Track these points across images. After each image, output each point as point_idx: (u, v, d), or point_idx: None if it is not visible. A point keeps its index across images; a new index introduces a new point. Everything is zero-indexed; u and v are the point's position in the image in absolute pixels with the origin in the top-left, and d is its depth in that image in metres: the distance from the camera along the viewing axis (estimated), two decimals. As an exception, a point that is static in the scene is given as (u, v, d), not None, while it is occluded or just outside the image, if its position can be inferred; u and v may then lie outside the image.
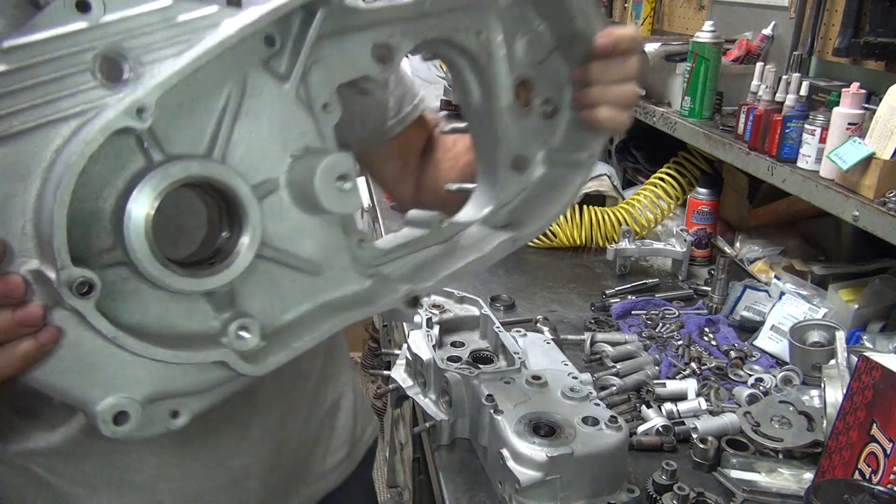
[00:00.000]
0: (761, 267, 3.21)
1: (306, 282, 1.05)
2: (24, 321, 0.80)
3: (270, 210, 0.99)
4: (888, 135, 2.22)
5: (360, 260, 1.10)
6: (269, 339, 1.00)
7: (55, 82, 0.79)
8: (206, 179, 0.90)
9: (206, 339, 0.96)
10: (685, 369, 2.43)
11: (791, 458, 1.97)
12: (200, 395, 0.94)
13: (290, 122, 0.97)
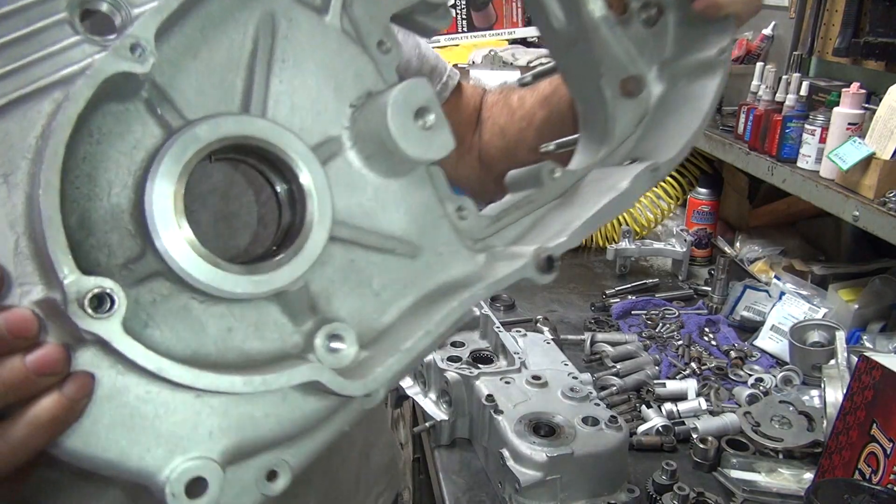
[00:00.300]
0: (761, 267, 3.21)
1: (403, 268, 0.83)
2: (42, 368, 0.59)
3: (338, 178, 0.78)
4: (888, 135, 2.22)
5: (465, 233, 0.88)
6: (370, 346, 0.79)
7: (23, 42, 0.60)
8: (246, 141, 0.70)
9: (285, 359, 0.74)
10: (685, 369, 2.43)
11: (791, 458, 1.97)
12: (298, 441, 0.72)
13: (340, 62, 0.77)
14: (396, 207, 0.83)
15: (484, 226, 0.91)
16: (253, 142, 0.71)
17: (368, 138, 0.78)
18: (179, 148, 0.66)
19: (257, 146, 0.72)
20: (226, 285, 0.68)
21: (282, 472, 0.71)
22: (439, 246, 0.86)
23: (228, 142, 0.69)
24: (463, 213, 0.89)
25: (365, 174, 0.81)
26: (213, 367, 0.68)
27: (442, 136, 0.78)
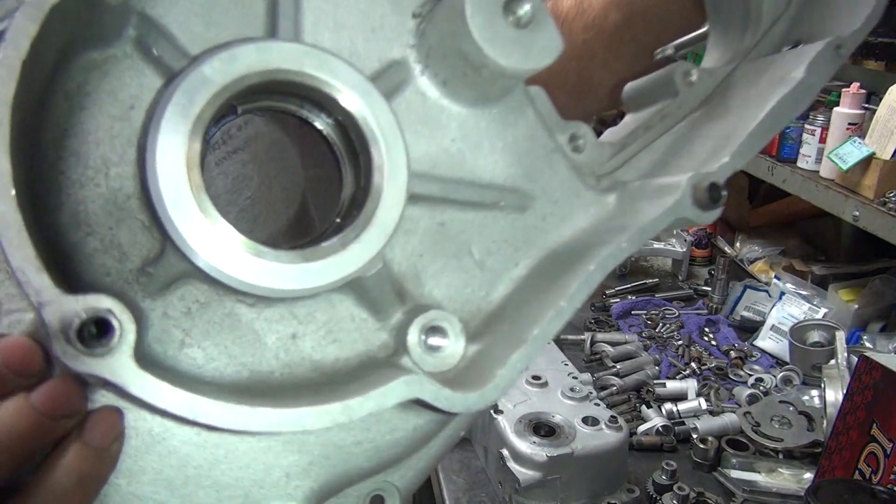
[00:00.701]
0: (761, 267, 3.22)
1: (511, 225, 0.64)
2: (54, 407, 0.45)
3: (411, 116, 0.60)
4: (888, 135, 2.22)
5: (583, 168, 0.68)
6: (480, 336, 0.60)
7: None
8: (277, 77, 0.52)
9: (371, 367, 0.58)
10: (685, 369, 2.43)
11: (791, 458, 1.97)
12: (404, 462, 0.59)
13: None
14: (492, 146, 0.63)
15: (607, 156, 0.70)
16: (286, 77, 0.52)
17: (444, 54, 0.59)
18: (184, 95, 0.49)
19: (294, 83, 0.54)
20: (278, 282, 0.51)
21: (388, 496, 0.58)
22: (554, 190, 0.66)
23: (252, 80, 0.51)
24: (578, 142, 0.68)
25: (445, 106, 0.62)
26: (275, 392, 0.53)
27: (545, 35, 0.57)
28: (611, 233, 0.63)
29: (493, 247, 0.64)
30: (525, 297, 0.63)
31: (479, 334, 0.61)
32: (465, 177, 0.62)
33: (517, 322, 0.61)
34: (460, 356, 0.59)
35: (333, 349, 0.58)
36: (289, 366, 0.56)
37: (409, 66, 0.61)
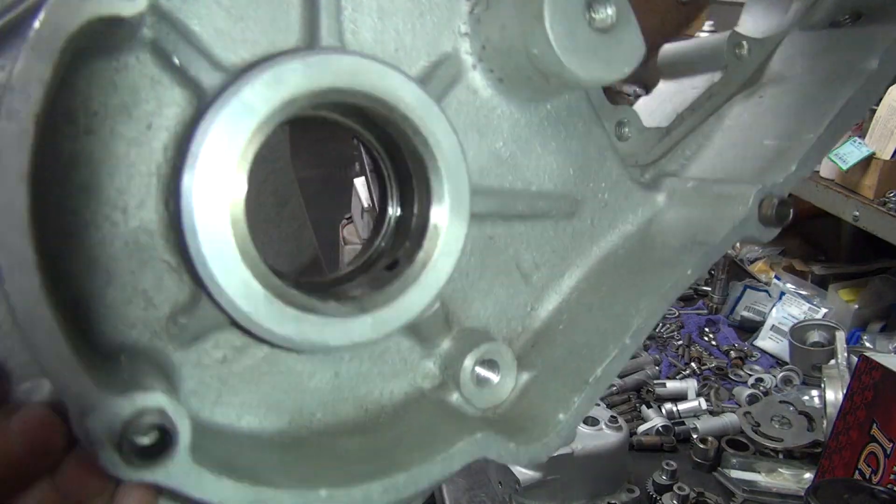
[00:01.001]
0: (761, 267, 3.22)
1: (559, 233, 0.58)
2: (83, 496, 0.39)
3: (459, 117, 0.53)
4: (888, 135, 2.22)
5: (629, 158, 0.61)
6: (529, 359, 0.56)
7: None
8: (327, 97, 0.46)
9: (417, 401, 0.55)
10: (685, 369, 2.43)
11: (791, 458, 1.97)
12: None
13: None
14: (544, 147, 0.57)
15: (652, 143, 0.63)
16: (339, 97, 0.47)
17: (506, 52, 0.53)
18: (225, 128, 0.43)
19: (347, 103, 0.48)
20: (334, 338, 0.46)
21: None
22: (604, 191, 0.60)
23: (301, 104, 0.45)
24: (623, 130, 0.61)
25: (496, 104, 0.55)
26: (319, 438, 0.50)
27: (627, 40, 0.50)
28: (667, 248, 0.59)
29: (540, 258, 0.60)
30: (575, 316, 0.60)
31: (526, 355, 0.58)
32: (515, 186, 0.57)
33: (573, 352, 0.57)
34: (510, 388, 0.56)
35: (378, 383, 0.55)
36: (331, 405, 0.53)
37: (460, 59, 0.56)
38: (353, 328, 0.48)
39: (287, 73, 0.44)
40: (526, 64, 0.52)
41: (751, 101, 0.69)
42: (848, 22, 0.70)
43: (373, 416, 0.54)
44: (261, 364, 0.50)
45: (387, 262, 0.55)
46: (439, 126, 0.50)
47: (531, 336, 0.59)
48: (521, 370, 0.56)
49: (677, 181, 0.64)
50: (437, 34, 0.54)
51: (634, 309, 0.55)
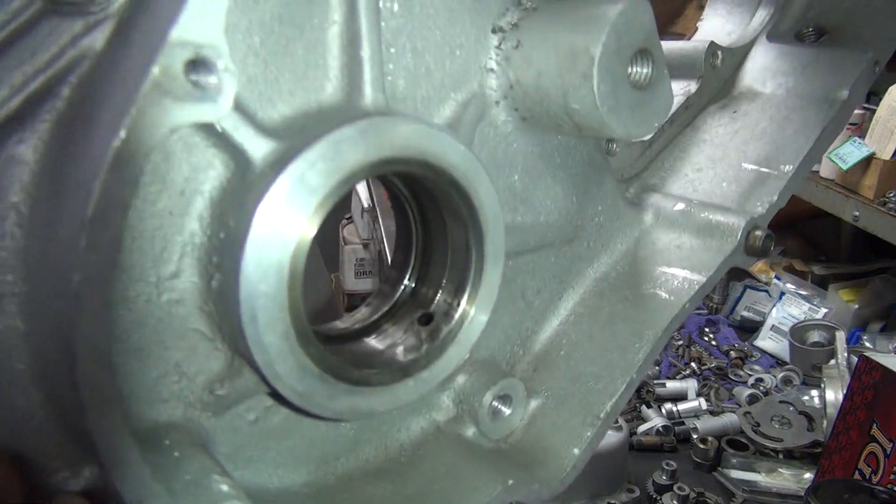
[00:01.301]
0: (761, 267, 3.21)
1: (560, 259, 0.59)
2: None
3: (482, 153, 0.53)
4: (888, 135, 2.22)
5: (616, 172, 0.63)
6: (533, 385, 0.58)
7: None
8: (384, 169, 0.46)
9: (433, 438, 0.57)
10: (685, 369, 2.43)
11: (791, 458, 1.97)
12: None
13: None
14: (554, 176, 0.57)
15: (636, 157, 0.65)
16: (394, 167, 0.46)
17: (538, 98, 0.52)
18: (282, 209, 0.41)
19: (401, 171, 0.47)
20: (382, 404, 0.47)
21: None
22: (599, 214, 0.61)
23: (359, 177, 0.44)
24: (612, 145, 0.62)
25: (515, 139, 0.55)
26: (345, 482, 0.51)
27: (661, 96, 0.51)
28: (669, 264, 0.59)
29: (541, 284, 0.61)
30: (575, 343, 0.61)
31: (529, 380, 0.60)
32: (527, 219, 0.58)
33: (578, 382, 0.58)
34: (521, 417, 0.58)
35: (396, 422, 0.56)
36: (354, 449, 0.54)
37: (485, 95, 0.55)
38: (398, 394, 0.49)
39: (345, 147, 0.43)
40: (561, 113, 0.52)
41: (725, 115, 0.72)
42: (812, 35, 0.72)
43: (393, 455, 0.55)
44: (288, 419, 0.50)
45: (420, 314, 0.55)
46: (483, 187, 0.49)
47: (532, 359, 0.60)
48: (529, 397, 0.58)
49: (661, 199, 0.66)
50: (465, 71, 0.53)
51: (639, 342, 0.58)
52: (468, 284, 0.51)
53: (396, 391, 0.48)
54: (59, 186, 0.44)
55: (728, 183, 0.67)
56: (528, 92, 0.53)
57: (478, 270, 0.51)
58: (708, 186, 0.68)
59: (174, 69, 0.39)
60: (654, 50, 0.50)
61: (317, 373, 0.45)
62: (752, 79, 0.73)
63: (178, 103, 0.39)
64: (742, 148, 0.69)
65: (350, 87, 0.49)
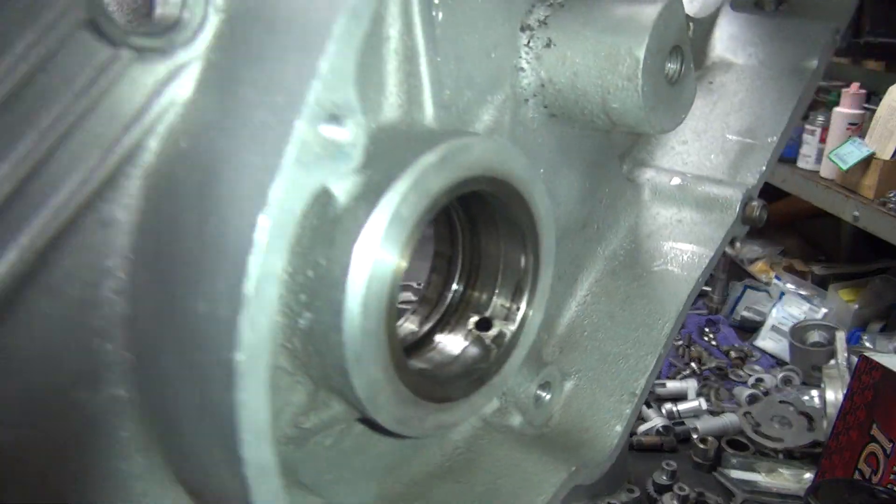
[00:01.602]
0: (761, 267, 3.21)
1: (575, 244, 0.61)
2: None
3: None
4: (888, 135, 2.22)
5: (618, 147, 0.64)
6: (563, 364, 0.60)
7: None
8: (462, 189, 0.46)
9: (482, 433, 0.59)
10: (685, 369, 2.43)
11: (791, 458, 1.97)
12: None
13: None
14: (571, 165, 0.58)
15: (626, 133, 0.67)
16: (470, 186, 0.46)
17: (573, 98, 0.52)
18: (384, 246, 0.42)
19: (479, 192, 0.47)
20: (462, 415, 0.48)
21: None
22: (607, 196, 0.62)
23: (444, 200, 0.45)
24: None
25: (540, 134, 0.55)
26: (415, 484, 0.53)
27: (688, 89, 0.53)
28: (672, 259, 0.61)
29: (561, 271, 0.62)
30: (597, 323, 0.62)
31: (557, 361, 0.61)
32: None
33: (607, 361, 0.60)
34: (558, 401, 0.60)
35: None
36: (414, 455, 0.55)
37: (516, 95, 0.54)
38: (476, 402, 0.50)
39: (430, 175, 0.43)
40: (598, 112, 0.53)
41: (702, 87, 0.74)
42: (772, 3, 0.74)
43: (450, 454, 0.57)
44: (359, 438, 0.50)
45: (479, 320, 0.55)
46: (538, 192, 0.50)
47: (556, 342, 0.62)
48: (566, 379, 0.60)
49: (655, 174, 0.68)
50: (499, 73, 0.53)
51: (662, 318, 0.60)
52: (526, 288, 0.51)
53: (474, 401, 0.49)
54: (171, 254, 0.43)
55: (715, 155, 0.69)
56: (562, 91, 0.53)
57: (535, 274, 0.51)
58: (696, 159, 0.70)
59: (315, 129, 0.38)
60: (685, 46, 0.51)
61: (412, 399, 0.45)
62: (724, 49, 0.75)
63: (318, 163, 0.38)
64: (724, 119, 0.71)
65: (409, 104, 0.48)
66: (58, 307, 0.44)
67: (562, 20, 0.52)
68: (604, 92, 0.51)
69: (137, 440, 0.46)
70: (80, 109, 0.43)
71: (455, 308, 0.55)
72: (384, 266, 0.42)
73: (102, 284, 0.45)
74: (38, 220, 0.43)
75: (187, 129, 0.44)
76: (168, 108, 0.44)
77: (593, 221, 0.63)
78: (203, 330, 0.40)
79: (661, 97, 0.51)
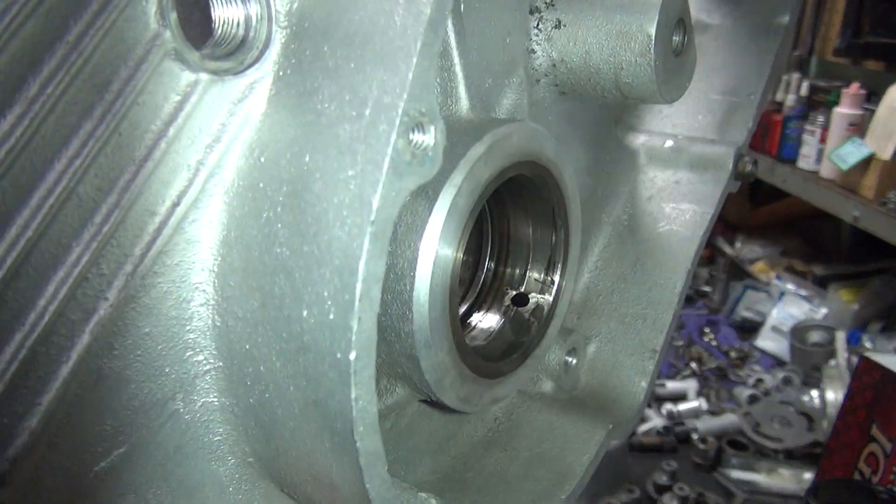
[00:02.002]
0: (762, 267, 3.21)
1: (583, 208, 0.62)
2: None
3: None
4: (888, 135, 2.22)
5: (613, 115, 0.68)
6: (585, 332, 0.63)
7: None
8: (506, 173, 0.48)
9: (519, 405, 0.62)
10: (685, 369, 2.43)
11: (791, 459, 1.97)
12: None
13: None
14: (576, 136, 0.60)
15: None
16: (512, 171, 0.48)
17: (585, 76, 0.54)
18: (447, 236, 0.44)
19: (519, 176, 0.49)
20: (510, 389, 0.51)
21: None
22: (607, 162, 0.64)
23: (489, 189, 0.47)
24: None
25: (551, 111, 0.57)
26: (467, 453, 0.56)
27: (691, 59, 0.55)
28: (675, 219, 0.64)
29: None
30: (611, 286, 0.65)
31: (579, 328, 0.64)
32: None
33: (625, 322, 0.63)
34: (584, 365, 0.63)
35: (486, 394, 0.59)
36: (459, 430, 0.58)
37: (528, 76, 0.56)
38: (522, 375, 0.52)
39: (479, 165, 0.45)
40: (610, 87, 0.55)
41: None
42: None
43: (491, 425, 0.60)
44: (413, 419, 0.53)
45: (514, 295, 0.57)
46: (566, 170, 0.52)
47: (574, 309, 0.65)
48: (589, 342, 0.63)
49: (648, 139, 0.70)
50: (514, 56, 0.54)
51: (673, 276, 0.62)
52: (559, 260, 0.53)
53: (520, 374, 0.52)
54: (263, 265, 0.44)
55: (703, 115, 0.71)
56: (574, 70, 0.55)
57: (566, 246, 0.53)
58: (685, 120, 0.72)
59: (406, 139, 0.40)
60: (687, 17, 0.53)
61: (472, 377, 0.47)
62: (699, 10, 0.77)
63: (409, 169, 0.40)
64: (707, 80, 0.73)
65: (447, 98, 0.50)
66: (157, 326, 0.47)
67: (568, 1, 0.54)
68: (616, 69, 0.53)
69: (230, 442, 0.49)
70: (170, 136, 0.45)
71: (489, 286, 0.57)
72: (446, 256, 0.44)
73: (192, 299, 0.47)
74: (140, 246, 0.45)
75: (265, 144, 0.46)
76: (244, 125, 0.46)
77: (596, 188, 0.65)
78: (310, 334, 0.41)
79: (669, 69, 0.53)
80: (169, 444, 0.48)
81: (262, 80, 0.46)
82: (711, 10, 0.76)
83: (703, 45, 0.74)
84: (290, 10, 0.46)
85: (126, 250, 0.45)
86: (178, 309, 0.47)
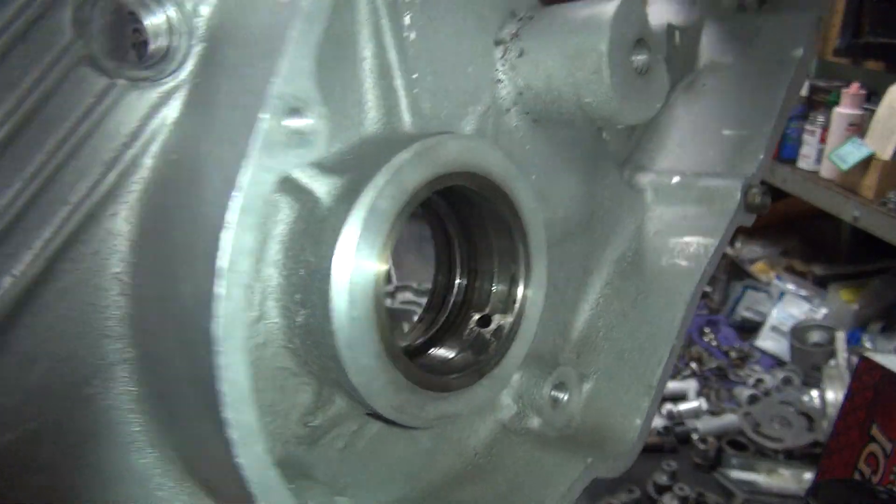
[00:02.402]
0: (762, 267, 3.21)
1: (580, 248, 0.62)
2: None
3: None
4: (888, 135, 2.22)
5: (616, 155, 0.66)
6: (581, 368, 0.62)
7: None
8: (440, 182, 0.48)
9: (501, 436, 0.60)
10: (685, 369, 2.43)
11: (791, 459, 1.97)
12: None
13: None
14: (567, 169, 0.59)
15: (624, 141, 0.69)
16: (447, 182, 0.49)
17: (550, 100, 0.55)
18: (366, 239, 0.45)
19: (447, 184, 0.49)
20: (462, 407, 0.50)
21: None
22: (606, 199, 0.64)
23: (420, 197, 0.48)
24: (604, 133, 0.64)
25: (528, 141, 0.57)
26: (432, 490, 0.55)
27: (658, 78, 0.55)
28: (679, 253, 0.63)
29: (569, 273, 0.64)
30: (611, 323, 0.65)
31: (576, 365, 0.63)
32: (548, 214, 0.59)
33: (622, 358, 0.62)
34: (578, 402, 0.61)
35: (466, 428, 0.58)
36: (433, 461, 0.56)
37: (497, 105, 0.57)
38: (477, 394, 0.51)
39: (405, 170, 0.46)
40: (574, 109, 0.56)
41: (694, 90, 0.76)
42: (755, 3, 0.77)
43: (469, 459, 0.59)
44: (371, 442, 0.52)
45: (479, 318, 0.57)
46: (520, 187, 0.52)
47: (573, 347, 0.64)
48: (581, 381, 0.62)
49: (656, 177, 0.70)
50: (478, 85, 0.56)
51: (672, 309, 0.61)
52: (520, 277, 0.53)
53: (475, 392, 0.51)
54: (165, 250, 0.47)
55: (714, 151, 0.71)
56: (540, 94, 0.56)
57: (527, 263, 0.53)
58: (695, 157, 0.72)
59: (277, 120, 0.43)
60: (649, 37, 0.54)
61: (407, 385, 0.47)
62: (712, 52, 0.78)
63: (282, 150, 0.43)
64: (719, 117, 0.73)
65: (388, 116, 0.52)
66: (71, 310, 0.49)
67: (531, 30, 0.56)
68: (576, 88, 0.54)
69: (150, 434, 0.50)
70: (81, 133, 0.49)
71: (458, 309, 0.57)
72: (367, 255, 0.45)
73: (110, 289, 0.49)
74: (49, 229, 0.48)
75: (177, 144, 0.50)
76: (160, 128, 0.50)
77: (595, 224, 0.64)
78: (189, 307, 0.43)
79: (631, 88, 0.53)
80: (83, 428, 0.49)
81: (180, 89, 0.50)
82: (726, 51, 0.77)
83: (716, 85, 0.75)
84: (207, 24, 0.50)
85: (34, 232, 0.48)
86: (95, 296, 0.49)
